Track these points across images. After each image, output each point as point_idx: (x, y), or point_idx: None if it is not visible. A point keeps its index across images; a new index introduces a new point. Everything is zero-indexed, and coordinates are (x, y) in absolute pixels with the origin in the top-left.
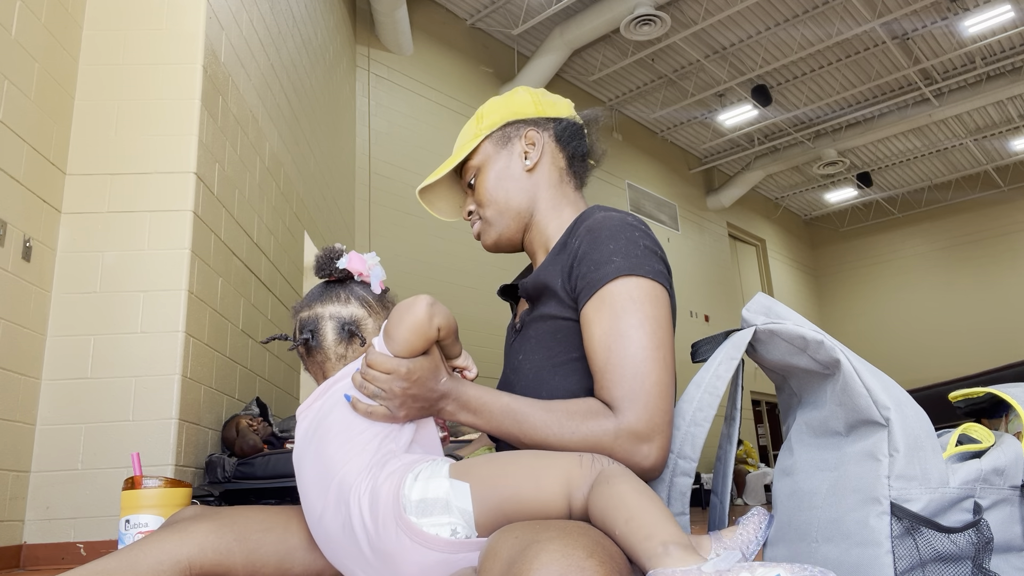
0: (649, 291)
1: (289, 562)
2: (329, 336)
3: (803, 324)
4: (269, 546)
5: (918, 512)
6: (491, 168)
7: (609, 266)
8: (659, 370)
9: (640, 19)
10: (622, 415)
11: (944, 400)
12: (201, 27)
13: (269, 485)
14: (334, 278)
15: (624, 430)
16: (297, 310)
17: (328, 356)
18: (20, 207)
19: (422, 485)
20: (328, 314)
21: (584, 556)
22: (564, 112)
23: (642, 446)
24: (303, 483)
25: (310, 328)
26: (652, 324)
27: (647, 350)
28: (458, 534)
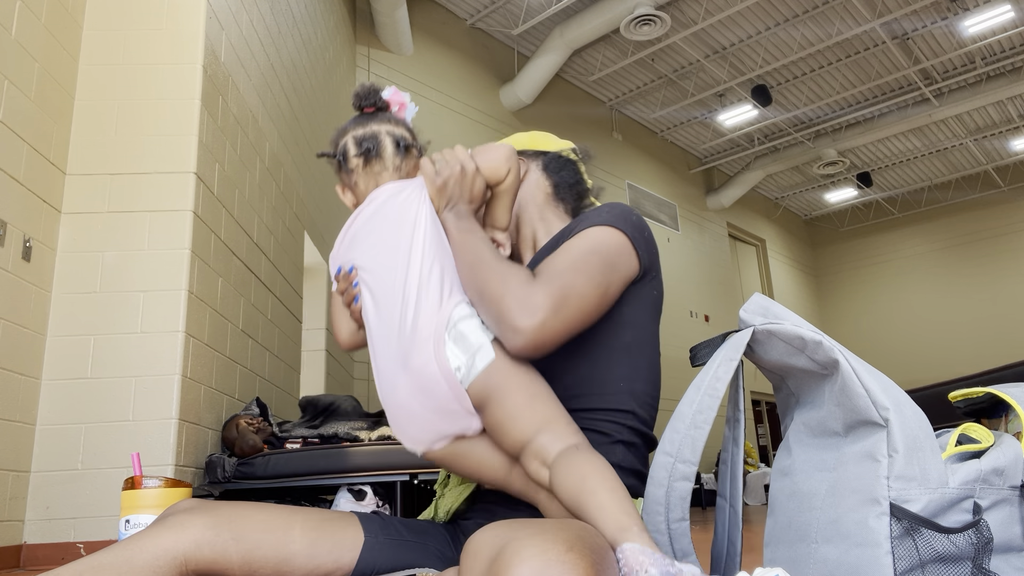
0: (619, 242)
1: (288, 566)
2: (388, 148)
3: (801, 324)
4: (267, 547)
5: (917, 513)
6: None
7: (597, 217)
8: (582, 279)
9: (640, 19)
10: (532, 283)
11: (944, 400)
12: (201, 27)
13: (269, 485)
14: (373, 109)
15: (523, 292)
16: (344, 130)
17: (387, 166)
18: (20, 207)
19: (470, 323)
20: (385, 131)
21: (564, 550)
22: (555, 146)
23: (526, 315)
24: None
25: (371, 142)
26: (602, 259)
27: (584, 263)
28: (460, 373)
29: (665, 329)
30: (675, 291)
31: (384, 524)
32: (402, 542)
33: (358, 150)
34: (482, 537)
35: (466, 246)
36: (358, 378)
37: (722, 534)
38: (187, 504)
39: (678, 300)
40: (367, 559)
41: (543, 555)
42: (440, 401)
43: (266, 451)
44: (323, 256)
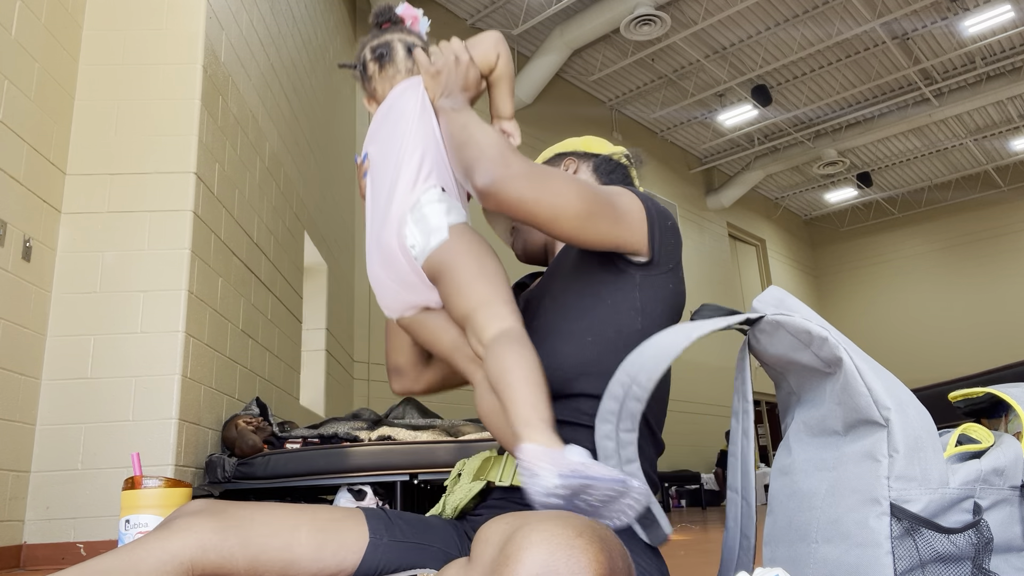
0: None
1: (293, 569)
2: (400, 52)
3: (810, 318)
4: (273, 551)
5: (918, 513)
6: None
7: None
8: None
9: (640, 19)
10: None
11: (944, 400)
12: (201, 27)
13: (269, 485)
14: (388, 24)
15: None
16: (365, 43)
17: (399, 69)
18: (20, 207)
19: (435, 207)
20: (396, 39)
21: (573, 535)
22: (606, 150)
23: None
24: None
25: (384, 48)
26: (606, 198)
27: (585, 187)
28: (415, 250)
29: None
30: None
31: (389, 524)
32: (406, 543)
33: (372, 55)
34: (494, 525)
35: (456, 123)
36: (358, 378)
37: (734, 529)
38: (194, 507)
39: None
40: (370, 561)
41: (552, 540)
42: (401, 273)
43: (266, 451)
44: (323, 256)
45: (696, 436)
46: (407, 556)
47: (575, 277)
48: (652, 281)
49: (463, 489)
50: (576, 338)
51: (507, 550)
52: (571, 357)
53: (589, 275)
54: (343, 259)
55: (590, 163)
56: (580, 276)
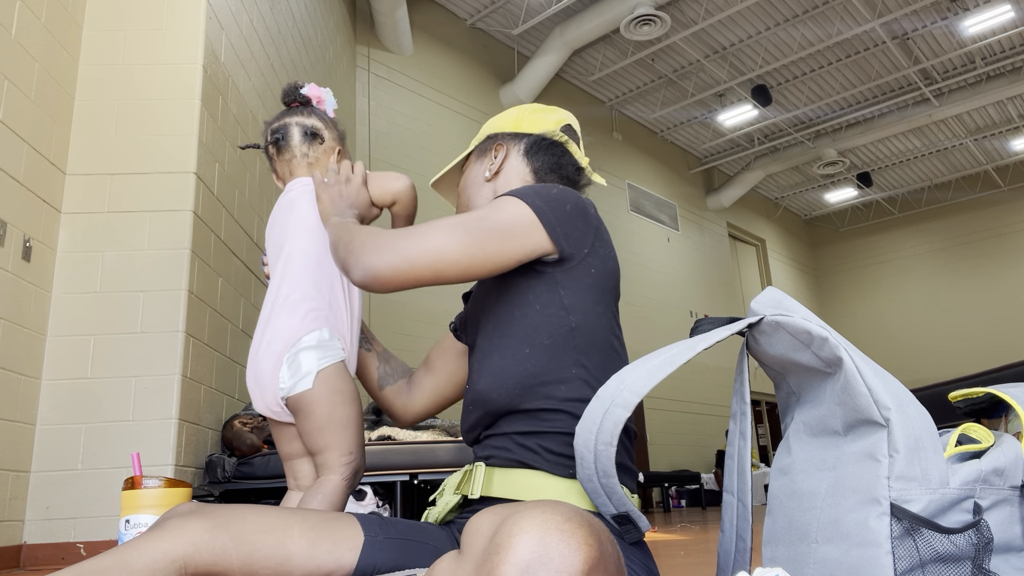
0: (519, 214)
1: (288, 566)
2: (296, 137)
3: (810, 319)
4: (267, 548)
5: (918, 513)
6: (468, 175)
7: (512, 192)
8: (451, 240)
9: (640, 19)
10: (385, 231)
11: (944, 400)
12: (201, 27)
13: (269, 485)
14: (296, 103)
15: (374, 236)
16: (268, 124)
17: (295, 154)
18: (20, 207)
19: (309, 354)
20: (295, 122)
21: (563, 520)
22: (541, 127)
23: (370, 252)
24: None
25: (281, 132)
26: (489, 224)
27: (461, 227)
28: (283, 391)
29: (666, 330)
30: (675, 291)
31: (383, 524)
32: (402, 541)
33: (271, 139)
34: (483, 517)
35: (334, 232)
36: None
37: (730, 531)
38: (185, 508)
39: (678, 300)
40: (368, 558)
41: (543, 525)
42: (267, 397)
43: (265, 451)
44: None
45: (696, 436)
46: (405, 554)
47: (503, 289)
48: (572, 274)
49: (443, 502)
50: (513, 352)
51: (498, 538)
52: (513, 373)
53: (514, 285)
54: None
55: (520, 145)
56: (507, 287)
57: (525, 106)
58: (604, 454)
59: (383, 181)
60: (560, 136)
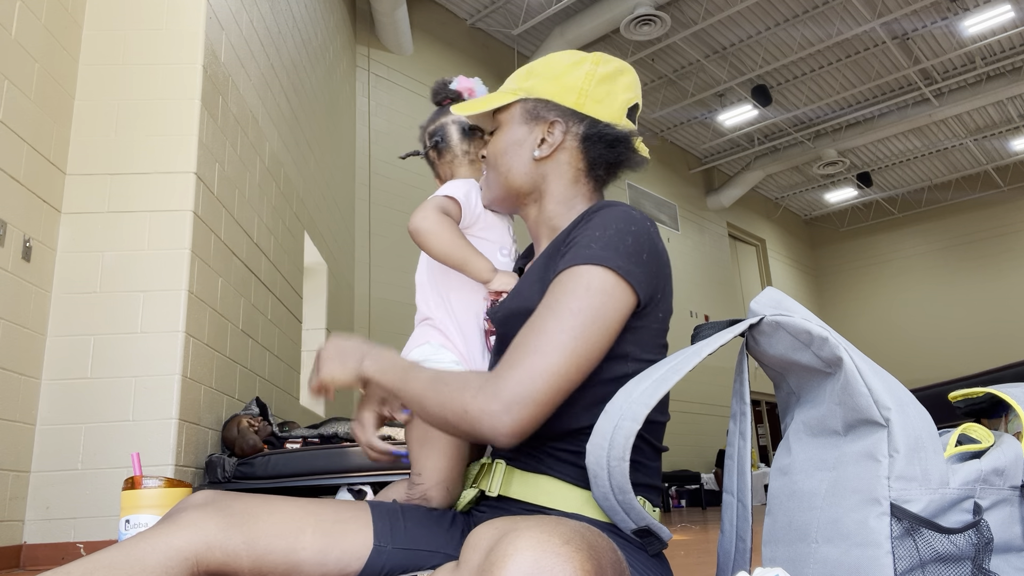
0: (609, 286)
1: (297, 572)
2: (455, 136)
3: (810, 319)
4: (277, 554)
5: (918, 513)
6: (508, 134)
7: (585, 251)
8: (561, 356)
9: (640, 19)
10: (495, 379)
11: (944, 400)
12: (201, 27)
13: (269, 485)
14: (448, 100)
15: (487, 393)
16: (424, 127)
17: (456, 153)
18: (20, 207)
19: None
20: (450, 120)
21: (560, 543)
22: (608, 110)
23: (498, 413)
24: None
25: (439, 133)
26: (588, 316)
27: (565, 335)
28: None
29: None
30: (675, 291)
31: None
32: (410, 551)
33: (430, 142)
34: (483, 530)
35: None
36: None
37: (729, 531)
38: (199, 499)
39: (678, 300)
40: (373, 566)
41: (539, 546)
42: None
43: (266, 451)
44: (323, 256)
45: (696, 436)
46: (411, 561)
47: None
48: (641, 319)
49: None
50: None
51: (492, 556)
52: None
53: None
54: (343, 259)
55: (580, 129)
56: None
57: (593, 64)
58: (618, 470)
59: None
60: (628, 125)
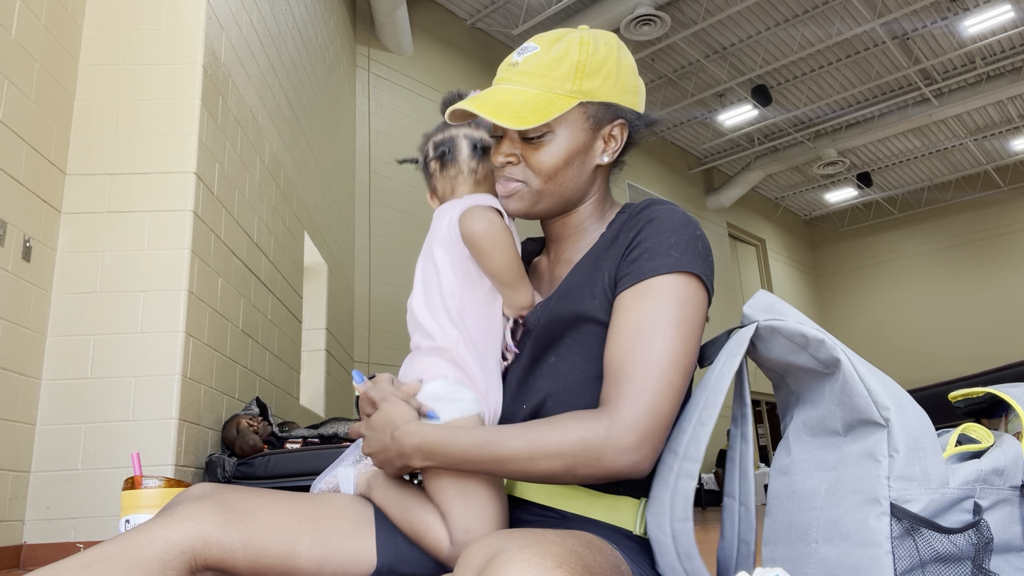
0: (697, 294)
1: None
2: (464, 151)
3: (804, 322)
4: (274, 558)
5: (918, 513)
6: (569, 142)
7: (667, 258)
8: (677, 373)
9: (640, 19)
10: (618, 412)
11: (944, 400)
12: (201, 27)
13: (269, 485)
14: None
15: (618, 427)
16: (429, 136)
17: (462, 169)
18: (20, 207)
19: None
20: (463, 134)
21: (553, 566)
22: (639, 97)
23: (635, 446)
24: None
25: (447, 145)
26: (688, 327)
27: (675, 350)
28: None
29: None
30: None
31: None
32: (413, 561)
33: (435, 153)
34: (476, 547)
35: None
36: None
37: (731, 535)
38: (197, 491)
39: None
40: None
41: (529, 570)
42: None
43: (266, 451)
44: (323, 256)
45: None
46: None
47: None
48: None
49: None
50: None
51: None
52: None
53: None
54: (343, 259)
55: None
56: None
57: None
58: (683, 532)
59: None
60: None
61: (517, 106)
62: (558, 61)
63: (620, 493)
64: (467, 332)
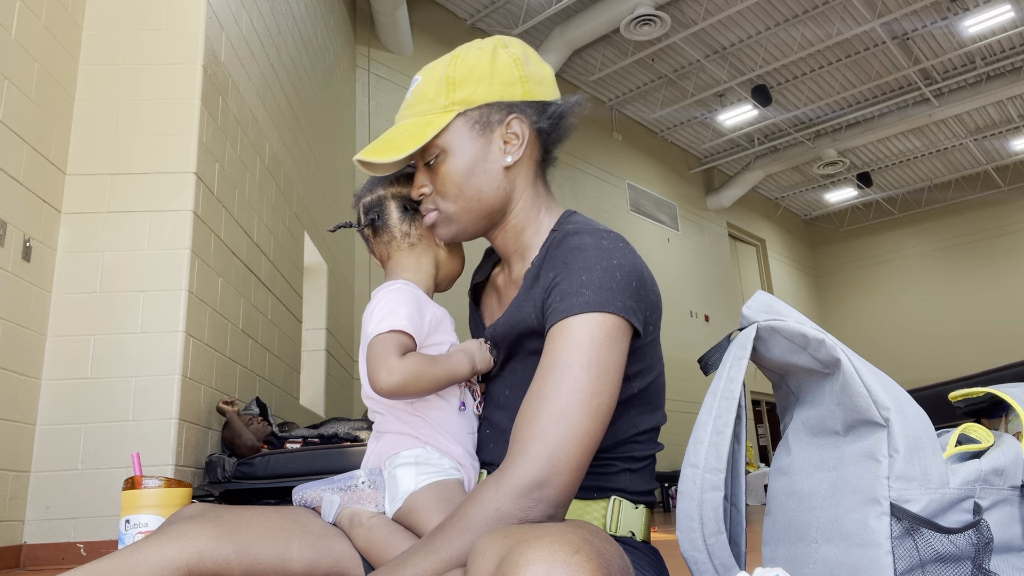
0: (613, 332)
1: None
2: (394, 215)
3: (804, 322)
4: (267, 563)
5: (918, 513)
6: (461, 155)
7: (577, 298)
8: (583, 417)
9: (640, 19)
10: (505, 471)
11: (944, 400)
12: (201, 27)
13: (269, 485)
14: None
15: (505, 489)
16: (359, 197)
17: (394, 235)
18: (20, 207)
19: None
20: (390, 194)
21: (571, 552)
22: (550, 92)
23: (529, 497)
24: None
25: (376, 210)
26: (600, 368)
27: (582, 392)
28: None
29: (666, 330)
30: (675, 291)
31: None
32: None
33: (366, 220)
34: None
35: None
36: (358, 378)
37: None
38: (190, 511)
39: (678, 300)
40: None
41: (549, 557)
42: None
43: (265, 451)
44: (323, 256)
45: None
46: None
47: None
48: (635, 349)
49: None
50: None
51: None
52: None
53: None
54: (343, 259)
55: (538, 120)
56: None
57: (503, 50)
58: (717, 546)
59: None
60: (570, 100)
61: (397, 140)
62: (430, 83)
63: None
64: (428, 417)
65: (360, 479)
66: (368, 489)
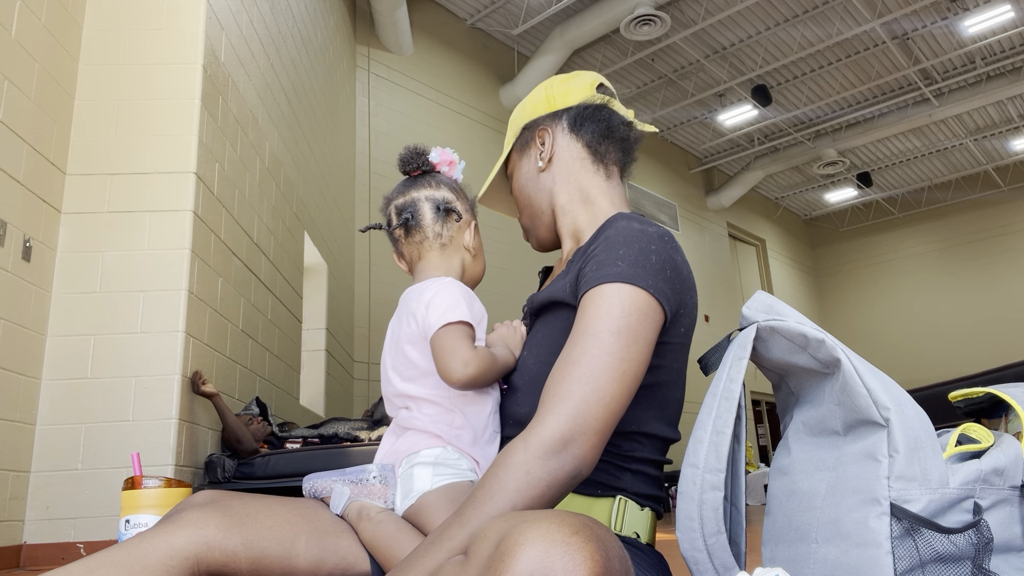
0: (644, 307)
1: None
2: (427, 215)
3: (804, 322)
4: (273, 557)
5: (918, 513)
6: (516, 177)
7: (612, 268)
8: (611, 380)
9: (640, 19)
10: (533, 429)
11: (944, 400)
12: (201, 27)
13: (269, 485)
14: (419, 172)
15: (533, 449)
16: (390, 199)
17: (427, 235)
18: (20, 207)
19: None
20: (424, 196)
21: (569, 533)
22: (577, 97)
23: (556, 457)
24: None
25: (410, 210)
26: (630, 337)
27: (610, 356)
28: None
29: None
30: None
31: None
32: None
33: (398, 220)
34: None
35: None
36: (358, 378)
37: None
38: (200, 499)
39: None
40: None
41: (547, 536)
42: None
43: (265, 451)
44: (323, 256)
45: None
46: None
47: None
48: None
49: None
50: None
51: (502, 547)
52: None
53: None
54: (343, 259)
55: (563, 122)
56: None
57: (548, 82)
58: (717, 546)
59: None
60: (600, 98)
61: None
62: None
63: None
64: (464, 415)
65: (372, 473)
66: (378, 484)
